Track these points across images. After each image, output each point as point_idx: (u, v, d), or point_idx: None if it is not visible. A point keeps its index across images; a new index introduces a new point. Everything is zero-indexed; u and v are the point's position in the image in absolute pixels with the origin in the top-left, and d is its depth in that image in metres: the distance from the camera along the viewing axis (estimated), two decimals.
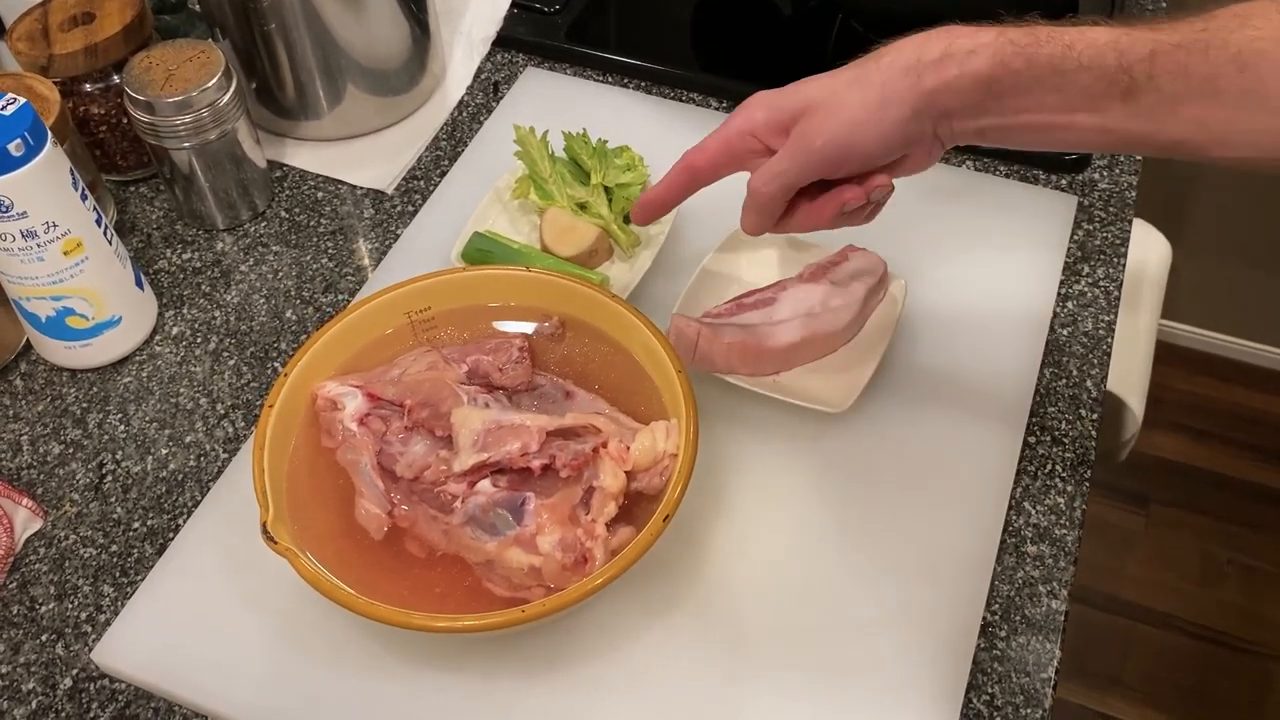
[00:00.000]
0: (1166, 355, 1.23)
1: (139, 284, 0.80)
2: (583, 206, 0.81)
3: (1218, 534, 1.79)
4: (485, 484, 0.61)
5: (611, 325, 0.69)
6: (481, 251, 0.78)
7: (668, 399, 0.65)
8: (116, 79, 0.85)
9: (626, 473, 0.62)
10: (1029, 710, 0.63)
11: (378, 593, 0.59)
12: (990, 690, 0.64)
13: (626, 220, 0.81)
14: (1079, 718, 1.60)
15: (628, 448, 0.62)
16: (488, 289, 0.71)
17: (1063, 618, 0.67)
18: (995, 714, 0.63)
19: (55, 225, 0.71)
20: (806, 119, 0.59)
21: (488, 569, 0.61)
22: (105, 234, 0.76)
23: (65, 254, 0.73)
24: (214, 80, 0.80)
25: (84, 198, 0.73)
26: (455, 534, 0.61)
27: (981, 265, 0.83)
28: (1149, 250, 1.23)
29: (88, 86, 0.85)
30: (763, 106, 0.61)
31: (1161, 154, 0.54)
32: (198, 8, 0.95)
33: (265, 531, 0.59)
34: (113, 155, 0.90)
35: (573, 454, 0.61)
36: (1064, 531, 0.70)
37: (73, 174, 0.72)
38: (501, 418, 0.62)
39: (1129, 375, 1.14)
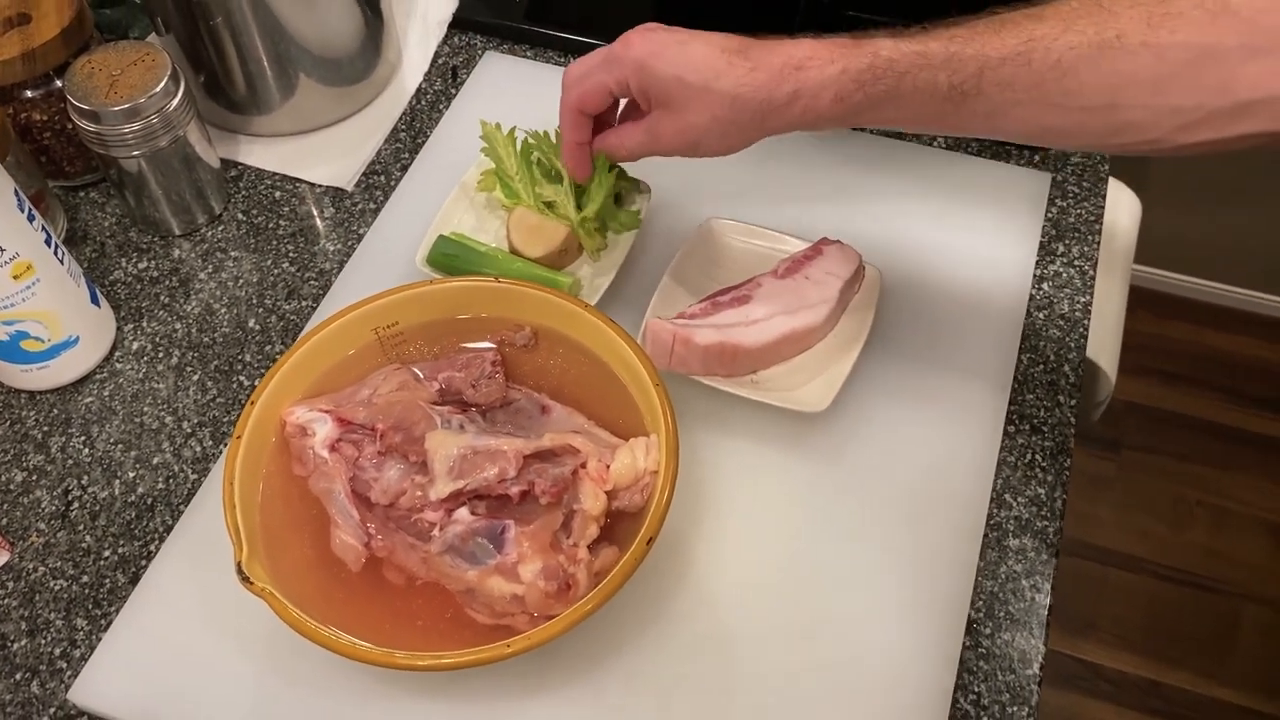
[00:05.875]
0: (1134, 299, 1.24)
1: (94, 300, 0.78)
2: (549, 205, 0.79)
3: (1188, 476, 1.81)
4: (463, 512, 0.60)
5: (586, 336, 0.68)
6: (447, 256, 0.76)
7: (646, 413, 0.64)
8: (58, 83, 0.82)
9: (607, 493, 0.61)
10: (1016, 708, 0.64)
11: (358, 625, 0.59)
12: (977, 689, 0.64)
13: (617, 201, 0.79)
14: (1055, 664, 1.63)
15: (607, 467, 0.61)
16: (457, 302, 0.69)
17: (1047, 612, 0.67)
18: (982, 713, 0.64)
19: (2, 250, 0.68)
20: (663, 112, 0.65)
21: (469, 597, 0.60)
22: (56, 253, 0.73)
23: (15, 278, 0.70)
24: (161, 85, 0.77)
25: (31, 218, 0.71)
26: (434, 562, 0.60)
27: (956, 249, 0.82)
28: (1119, 209, 1.22)
29: (28, 93, 0.81)
30: (636, 71, 0.64)
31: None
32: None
33: (240, 571, 0.57)
34: (59, 161, 0.86)
35: (552, 479, 0.60)
36: (1045, 524, 0.70)
37: (17, 194, 0.69)
38: (476, 443, 0.61)
39: (1102, 339, 1.13)
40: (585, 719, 0.62)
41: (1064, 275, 0.82)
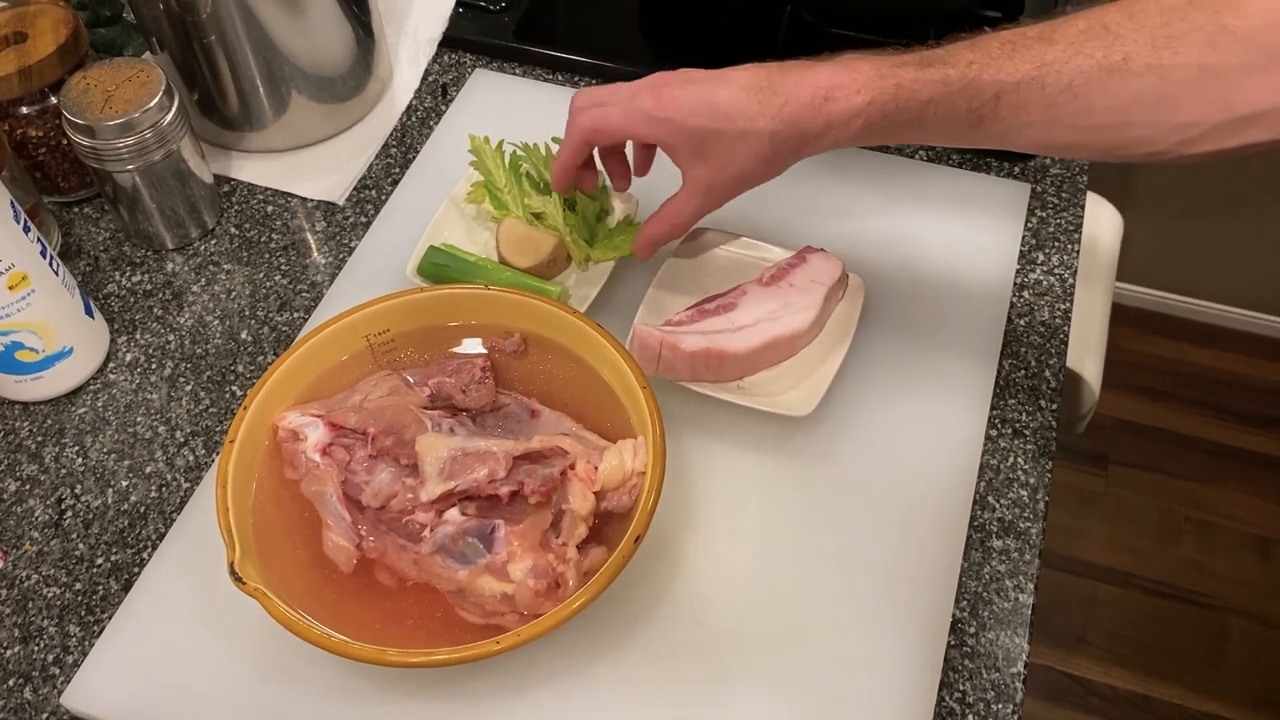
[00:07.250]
0: (1118, 316, 1.26)
1: (89, 312, 0.78)
2: (538, 216, 0.80)
3: (1174, 492, 1.82)
4: (454, 512, 0.61)
5: (574, 341, 0.69)
6: (438, 266, 0.78)
7: (634, 415, 0.65)
8: (54, 100, 0.83)
9: (595, 493, 0.62)
10: (1000, 705, 0.64)
11: (350, 625, 0.59)
12: (962, 687, 0.65)
13: (599, 218, 0.80)
14: (1047, 679, 1.63)
15: (596, 468, 0.62)
16: (447, 309, 0.70)
17: (1030, 611, 0.68)
18: (968, 710, 0.64)
19: None
20: (701, 167, 0.66)
21: (460, 597, 0.60)
22: (51, 264, 0.74)
23: (10, 289, 0.71)
24: (155, 100, 0.79)
25: (26, 229, 0.72)
26: (425, 563, 0.61)
27: (938, 258, 0.84)
28: (1101, 224, 1.24)
29: (24, 109, 0.83)
30: (667, 129, 0.65)
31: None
32: (132, 18, 0.93)
33: (233, 572, 0.58)
34: (54, 177, 0.87)
35: (541, 479, 0.60)
36: (1028, 525, 0.71)
37: (13, 206, 0.71)
38: (467, 444, 0.62)
39: (1085, 351, 1.15)
40: (576, 718, 0.63)
41: (1044, 283, 0.83)
